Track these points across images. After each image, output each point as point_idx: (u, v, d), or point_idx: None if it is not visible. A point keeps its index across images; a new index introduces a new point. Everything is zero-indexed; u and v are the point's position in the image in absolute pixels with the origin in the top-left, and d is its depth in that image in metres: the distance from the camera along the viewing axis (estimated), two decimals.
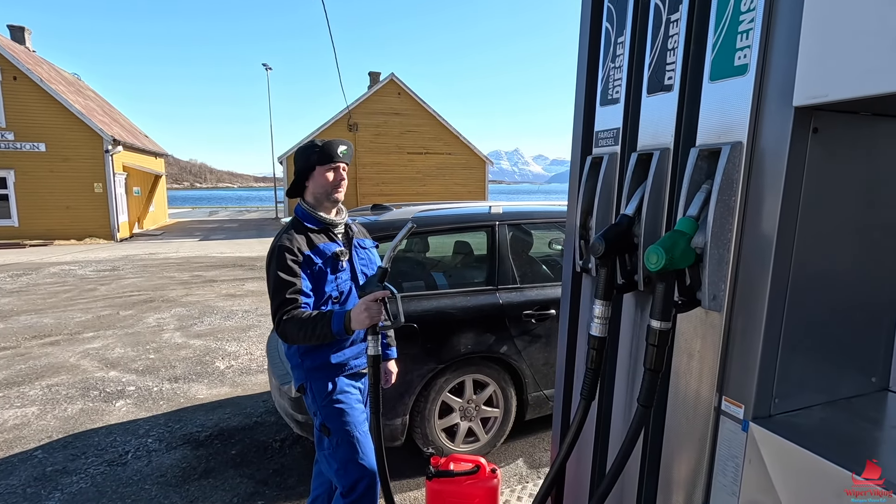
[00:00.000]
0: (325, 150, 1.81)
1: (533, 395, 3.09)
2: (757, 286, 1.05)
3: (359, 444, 1.82)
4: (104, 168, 15.61)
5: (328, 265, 1.82)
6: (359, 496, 1.80)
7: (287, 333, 1.72)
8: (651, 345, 1.12)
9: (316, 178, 1.85)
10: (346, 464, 1.81)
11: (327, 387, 1.84)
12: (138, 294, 8.02)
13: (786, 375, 1.07)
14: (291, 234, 1.80)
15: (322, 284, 1.80)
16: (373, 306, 1.67)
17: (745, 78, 1.04)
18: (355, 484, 1.80)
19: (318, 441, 1.90)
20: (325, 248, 1.83)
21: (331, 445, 1.83)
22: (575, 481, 1.62)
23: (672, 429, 1.23)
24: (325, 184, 1.84)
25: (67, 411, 3.85)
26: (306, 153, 1.84)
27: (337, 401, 1.83)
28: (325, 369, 1.84)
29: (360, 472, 1.80)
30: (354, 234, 2.00)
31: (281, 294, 1.72)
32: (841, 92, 0.88)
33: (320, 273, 1.80)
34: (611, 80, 1.43)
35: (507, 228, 3.13)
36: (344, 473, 1.81)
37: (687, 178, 1.12)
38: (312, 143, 1.85)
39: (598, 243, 1.24)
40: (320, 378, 1.84)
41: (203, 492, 2.82)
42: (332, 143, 1.83)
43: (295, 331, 1.69)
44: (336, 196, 1.87)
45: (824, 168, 1.02)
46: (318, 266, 1.79)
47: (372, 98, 20.50)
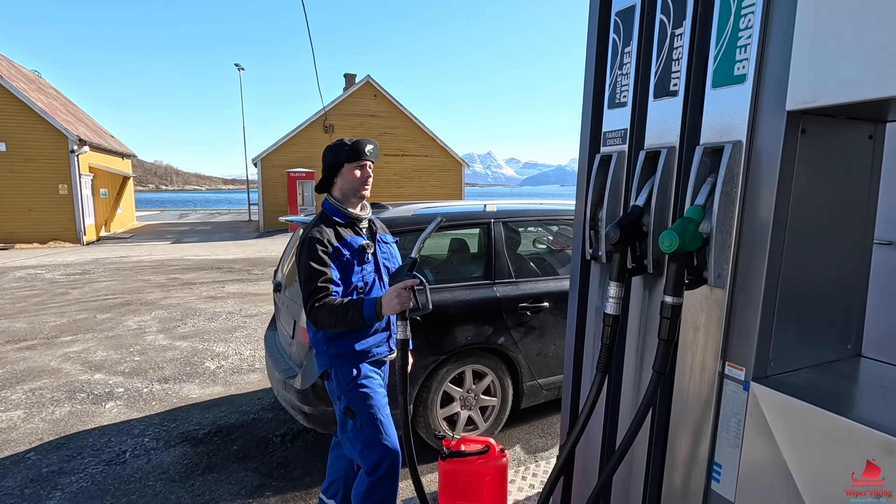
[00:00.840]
0: (354, 149, 1.92)
1: (528, 384, 3.24)
2: (755, 266, 1.21)
3: (382, 426, 1.92)
4: (69, 169, 15.07)
5: (355, 257, 1.92)
6: (383, 475, 1.90)
7: (319, 319, 1.81)
8: (665, 318, 1.27)
9: (344, 175, 1.95)
10: (370, 444, 1.91)
11: (352, 372, 1.93)
12: (114, 297, 7.83)
13: (779, 342, 1.24)
14: (321, 227, 1.90)
15: (349, 275, 1.90)
16: (403, 293, 1.78)
17: (743, 86, 1.21)
18: (379, 463, 1.90)
19: (342, 424, 1.99)
20: (353, 241, 1.94)
21: (355, 427, 1.92)
22: (585, 453, 1.76)
23: (680, 394, 1.39)
24: (353, 180, 1.95)
25: (55, 414, 3.78)
26: (335, 151, 1.94)
27: (361, 385, 1.93)
28: (349, 356, 1.94)
29: (384, 452, 1.90)
30: (377, 230, 2.11)
31: (313, 282, 1.81)
32: (826, 98, 1.06)
33: (348, 264, 1.90)
34: (618, 86, 1.59)
35: (503, 225, 3.28)
36: (368, 453, 1.91)
37: (693, 172, 1.28)
38: (342, 142, 1.95)
39: (613, 231, 1.39)
40: (345, 364, 1.94)
41: (208, 486, 2.86)
42: (360, 142, 1.94)
43: (327, 317, 1.79)
44: (363, 192, 1.98)
45: (810, 163, 1.20)
46: (346, 257, 1.89)
47: (348, 100, 20.43)
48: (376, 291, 1.99)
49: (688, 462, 1.38)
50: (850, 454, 1.02)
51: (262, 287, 8.53)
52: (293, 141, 19.94)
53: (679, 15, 1.38)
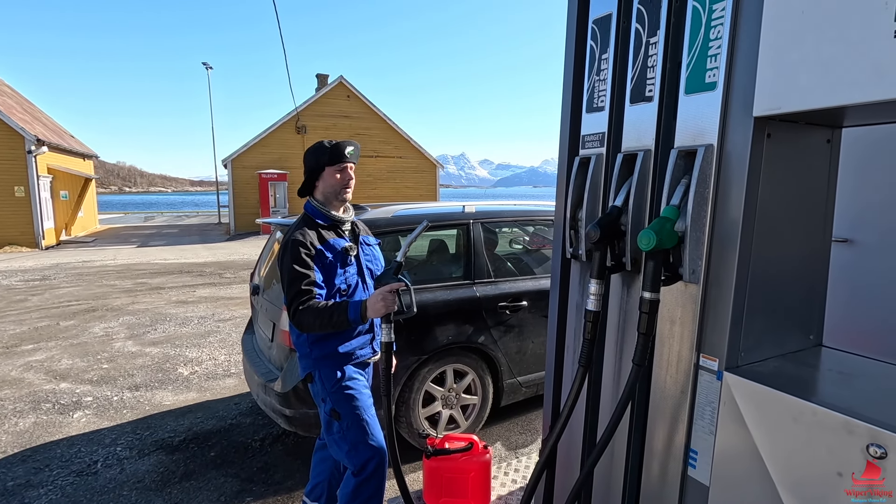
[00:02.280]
0: (334, 152, 1.92)
1: (508, 382, 3.30)
2: (727, 262, 1.29)
3: (368, 427, 1.94)
4: (26, 170, 14.40)
5: (338, 259, 1.93)
6: (370, 474, 1.91)
7: (303, 322, 1.81)
8: (643, 312, 1.34)
9: (326, 178, 1.95)
10: (356, 445, 1.92)
11: (336, 374, 1.94)
12: (77, 303, 7.54)
13: (749, 334, 1.32)
14: (304, 230, 1.90)
15: (332, 277, 1.91)
16: (388, 297, 1.80)
17: (714, 93, 1.29)
18: (366, 463, 1.91)
19: (327, 426, 1.99)
20: (335, 243, 1.94)
21: (341, 429, 1.93)
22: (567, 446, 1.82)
23: (658, 385, 1.45)
24: (335, 183, 1.95)
25: (19, 426, 3.63)
26: (316, 154, 1.94)
27: (346, 387, 1.94)
28: (333, 358, 1.94)
29: (371, 452, 1.92)
30: (360, 232, 2.11)
31: (296, 285, 1.81)
32: (789, 106, 1.14)
33: (331, 266, 1.90)
34: (596, 91, 1.66)
35: (481, 226, 3.33)
36: (355, 454, 1.92)
37: (669, 173, 1.35)
38: (321, 145, 1.95)
39: (593, 231, 1.45)
40: (329, 366, 1.94)
41: (187, 493, 2.80)
42: (340, 145, 1.94)
43: (311, 319, 1.79)
44: (345, 195, 1.98)
45: (776, 166, 1.28)
46: (328, 260, 1.90)
47: (321, 101, 20.21)
48: (359, 293, 2.00)
49: (665, 450, 1.45)
50: (815, 436, 1.10)
51: (234, 291, 8.36)
52: (265, 142, 19.60)
53: (653, 24, 1.45)
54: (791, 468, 1.15)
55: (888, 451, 0.98)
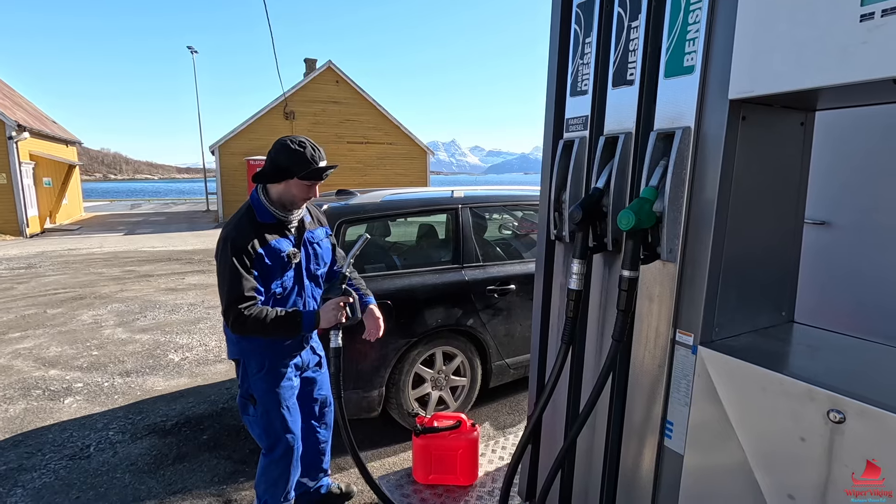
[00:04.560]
0: (313, 172, 1.79)
1: (496, 363, 3.36)
2: (702, 241, 1.34)
3: (282, 417, 1.99)
4: (8, 157, 14.11)
5: (277, 265, 1.85)
6: (277, 458, 2.02)
7: (246, 328, 1.77)
8: (623, 290, 1.39)
9: (291, 187, 1.82)
10: (268, 430, 1.99)
11: (263, 364, 1.96)
12: (65, 291, 7.47)
13: (723, 310, 1.38)
14: (244, 228, 1.79)
15: (269, 282, 1.85)
16: (339, 309, 1.87)
17: (692, 76, 1.32)
18: (274, 446, 2.01)
19: (243, 407, 2.02)
20: (278, 247, 1.85)
21: (255, 413, 1.98)
22: (551, 420, 1.88)
23: (636, 360, 1.51)
24: (297, 195, 1.85)
25: (9, 412, 3.63)
26: (292, 159, 1.79)
27: (267, 377, 1.96)
28: (260, 350, 1.96)
29: (277, 438, 2.00)
30: (307, 226, 1.99)
31: (238, 289, 1.75)
32: (762, 88, 1.18)
33: (269, 271, 1.84)
34: (580, 75, 1.68)
35: (470, 211, 3.36)
36: (265, 437, 2.01)
37: (648, 155, 1.39)
38: (303, 154, 1.80)
39: (576, 212, 1.49)
40: (255, 357, 1.96)
41: (180, 475, 2.84)
42: (320, 170, 1.81)
43: (257, 327, 1.76)
44: (297, 207, 1.90)
45: (750, 148, 1.33)
46: (267, 265, 1.82)
47: (309, 86, 19.94)
48: (292, 298, 1.95)
49: (643, 422, 1.51)
50: (780, 404, 1.16)
51: None
52: (252, 128, 19.34)
53: (635, 8, 1.47)
54: (758, 435, 1.21)
55: (846, 416, 1.04)
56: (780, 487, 1.17)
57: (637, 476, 1.55)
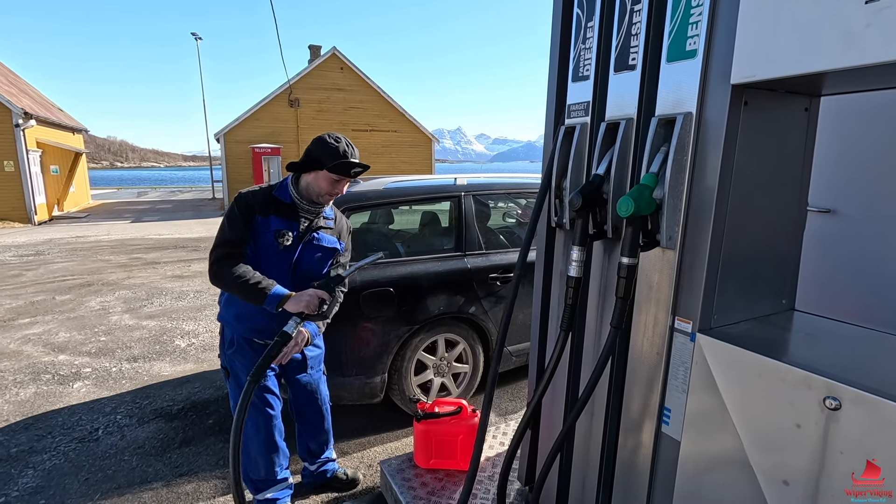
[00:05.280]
0: (343, 165, 1.85)
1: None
2: (702, 228, 1.33)
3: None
4: (15, 144, 14.18)
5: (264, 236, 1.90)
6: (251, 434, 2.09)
7: (220, 275, 1.83)
8: (622, 277, 1.38)
9: (318, 178, 1.90)
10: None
11: (232, 341, 2.05)
12: (73, 278, 7.56)
13: (722, 298, 1.37)
14: (258, 192, 1.90)
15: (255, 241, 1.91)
16: (314, 301, 1.84)
17: (694, 60, 1.30)
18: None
19: (224, 376, 2.15)
20: (275, 224, 1.90)
21: (229, 385, 2.09)
22: (550, 405, 1.90)
23: (635, 347, 1.51)
24: (323, 188, 1.91)
25: (20, 396, 3.70)
26: (324, 150, 1.85)
27: (237, 354, 2.04)
28: (229, 323, 2.05)
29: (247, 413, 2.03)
30: (316, 227, 2.01)
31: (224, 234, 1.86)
32: (765, 73, 1.16)
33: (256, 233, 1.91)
34: (581, 60, 1.66)
35: (473, 199, 3.35)
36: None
37: (649, 142, 1.38)
38: (335, 147, 1.87)
39: (576, 199, 1.48)
40: (228, 329, 2.07)
41: (186, 458, 2.89)
42: (351, 164, 1.87)
43: (229, 278, 1.81)
44: (323, 201, 1.96)
45: (752, 134, 1.31)
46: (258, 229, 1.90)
47: (313, 73, 19.82)
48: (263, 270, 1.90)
49: (641, 408, 1.52)
50: (777, 391, 1.16)
51: None
52: (257, 115, 19.30)
53: None
54: (755, 421, 1.21)
55: (842, 403, 1.04)
56: (775, 473, 1.18)
57: (635, 461, 1.56)
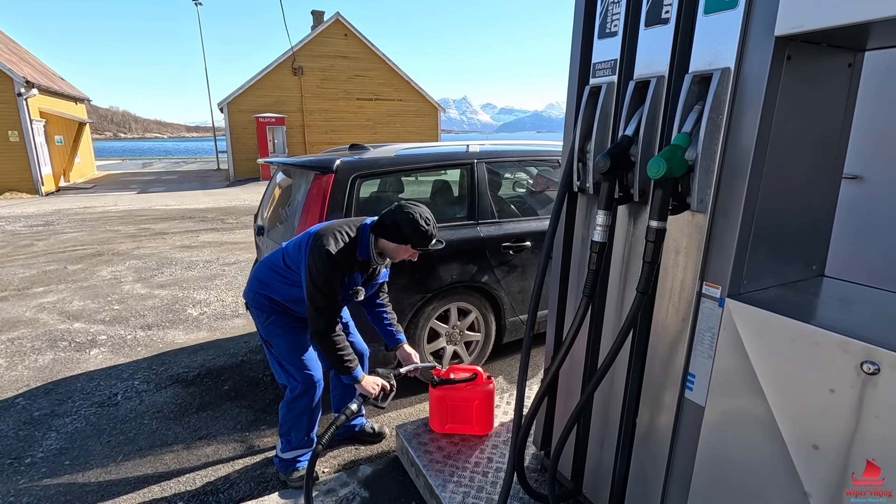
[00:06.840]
0: (425, 240, 2.05)
1: (510, 320, 3.38)
2: (735, 191, 1.28)
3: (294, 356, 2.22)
4: (18, 114, 14.06)
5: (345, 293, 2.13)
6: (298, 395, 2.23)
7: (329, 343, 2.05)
8: (650, 241, 1.35)
9: (399, 249, 2.08)
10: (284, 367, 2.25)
11: (269, 316, 2.22)
12: (83, 248, 7.60)
13: (753, 263, 1.34)
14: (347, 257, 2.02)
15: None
16: (376, 389, 2.13)
17: (734, 11, 1.23)
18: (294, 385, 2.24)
19: (266, 348, 2.30)
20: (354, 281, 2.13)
21: (273, 355, 2.28)
22: (568, 374, 1.89)
23: (659, 313, 1.49)
24: (401, 256, 2.13)
25: (38, 362, 3.77)
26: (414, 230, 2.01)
27: (274, 325, 2.22)
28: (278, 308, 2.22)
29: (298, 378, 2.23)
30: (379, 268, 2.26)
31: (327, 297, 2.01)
32: (813, 23, 1.09)
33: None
34: (609, 15, 1.58)
35: (485, 166, 3.28)
36: (284, 375, 2.27)
37: (682, 100, 1.32)
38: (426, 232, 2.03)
39: (602, 160, 1.43)
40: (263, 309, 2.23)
41: (204, 422, 2.95)
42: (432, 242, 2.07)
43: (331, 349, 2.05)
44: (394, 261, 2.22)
45: (793, 91, 1.24)
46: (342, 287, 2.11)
47: (317, 39, 19.34)
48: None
49: (664, 374, 1.51)
50: (811, 355, 1.14)
51: (238, 236, 8.40)
52: (260, 84, 18.97)
53: None
54: (786, 386, 1.20)
55: (881, 367, 1.02)
56: (804, 438, 1.17)
57: (655, 427, 1.56)
